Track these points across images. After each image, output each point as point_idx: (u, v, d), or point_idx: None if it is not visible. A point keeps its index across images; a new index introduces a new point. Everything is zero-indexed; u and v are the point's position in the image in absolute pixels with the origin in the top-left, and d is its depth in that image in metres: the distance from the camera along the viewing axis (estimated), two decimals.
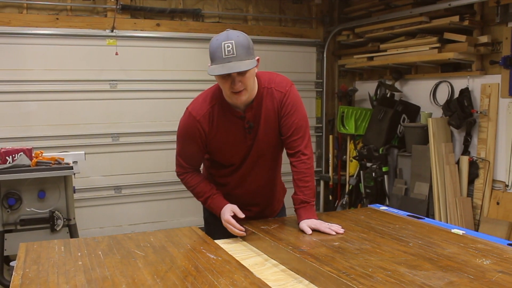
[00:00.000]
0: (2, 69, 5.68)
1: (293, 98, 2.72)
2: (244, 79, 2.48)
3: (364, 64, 6.82)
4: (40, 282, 1.94)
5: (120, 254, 2.27)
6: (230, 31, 2.49)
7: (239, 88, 2.48)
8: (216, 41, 2.47)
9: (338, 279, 1.85)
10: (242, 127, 2.69)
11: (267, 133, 2.73)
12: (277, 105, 2.69)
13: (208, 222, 3.05)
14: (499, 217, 5.30)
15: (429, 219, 2.78)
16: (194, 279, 1.94)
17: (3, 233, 4.76)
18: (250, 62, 2.44)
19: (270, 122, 2.71)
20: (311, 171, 2.73)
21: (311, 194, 2.69)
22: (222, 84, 2.54)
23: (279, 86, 2.71)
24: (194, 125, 2.67)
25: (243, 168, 2.80)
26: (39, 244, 2.44)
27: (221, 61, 2.43)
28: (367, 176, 6.58)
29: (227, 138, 2.69)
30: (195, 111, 2.69)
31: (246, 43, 2.46)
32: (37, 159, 4.79)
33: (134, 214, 6.46)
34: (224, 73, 2.43)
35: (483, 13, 5.51)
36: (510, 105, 5.24)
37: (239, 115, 2.67)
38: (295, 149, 2.73)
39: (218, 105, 2.67)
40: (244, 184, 2.83)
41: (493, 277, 1.84)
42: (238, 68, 2.40)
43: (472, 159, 5.58)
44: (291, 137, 2.72)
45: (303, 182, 2.69)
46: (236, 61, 2.41)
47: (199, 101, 2.73)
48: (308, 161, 2.73)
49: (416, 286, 1.75)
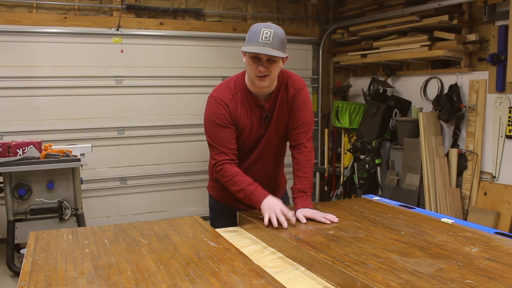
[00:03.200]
0: (12, 66, 5.67)
1: (304, 96, 2.78)
2: (271, 66, 2.51)
3: (358, 61, 6.81)
4: (49, 269, 1.93)
5: (125, 242, 2.26)
6: (271, 23, 2.54)
7: (265, 72, 2.51)
8: (257, 27, 2.50)
9: (333, 266, 1.85)
10: (259, 116, 2.72)
11: (279, 125, 2.76)
12: (290, 100, 2.74)
13: (213, 209, 3.04)
14: (487, 207, 5.30)
15: (420, 209, 2.77)
16: (196, 266, 1.94)
17: (13, 222, 4.77)
18: (280, 52, 2.48)
19: (282, 114, 2.75)
20: (310, 163, 2.76)
21: (309, 185, 2.71)
22: (250, 66, 2.54)
23: (295, 83, 2.76)
24: (222, 108, 2.65)
25: (253, 155, 2.81)
26: (48, 233, 2.43)
27: (257, 43, 2.45)
28: (360, 167, 6.58)
29: (245, 125, 2.71)
30: (221, 96, 2.68)
31: (282, 37, 2.51)
32: (46, 151, 4.78)
33: (138, 204, 6.47)
34: (258, 52, 2.45)
35: (471, 13, 5.51)
36: (497, 100, 5.24)
37: (259, 103, 2.69)
38: (298, 142, 2.77)
39: (241, 92, 2.69)
40: (251, 171, 2.82)
41: (481, 264, 1.84)
42: (271, 52, 2.44)
43: (460, 151, 5.58)
44: (296, 130, 2.76)
45: (302, 173, 2.72)
46: (270, 47, 2.44)
47: (222, 88, 2.72)
48: (309, 154, 2.76)
49: (408, 273, 1.75)
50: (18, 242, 4.87)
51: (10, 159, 4.60)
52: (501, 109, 5.21)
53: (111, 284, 1.77)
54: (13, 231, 4.76)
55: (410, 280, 1.68)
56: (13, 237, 4.77)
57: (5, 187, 4.71)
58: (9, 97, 5.70)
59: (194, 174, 6.58)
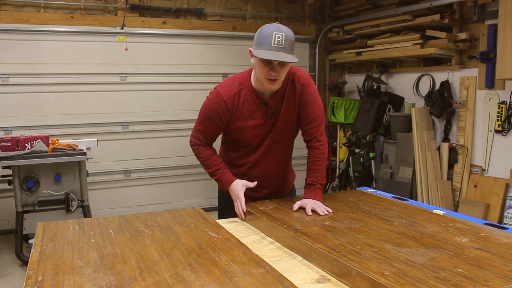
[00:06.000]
0: (21, 63, 5.66)
1: (312, 90, 2.74)
2: (282, 70, 2.48)
3: (353, 59, 6.80)
4: (56, 258, 1.93)
5: (130, 232, 2.26)
6: (279, 24, 2.47)
7: (276, 76, 2.47)
8: (268, 29, 2.42)
9: (329, 255, 1.85)
10: (265, 113, 2.68)
11: (286, 121, 2.73)
12: (298, 96, 2.70)
13: (222, 202, 3.03)
14: (476, 198, 5.30)
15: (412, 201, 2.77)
16: (197, 255, 1.93)
17: (22, 213, 4.77)
18: (293, 57, 2.43)
19: (290, 111, 2.71)
20: (324, 156, 2.76)
21: (320, 177, 2.71)
22: (261, 69, 2.48)
23: (300, 78, 2.71)
24: (220, 104, 2.63)
25: (260, 151, 2.79)
26: (55, 224, 2.42)
27: (269, 48, 2.39)
28: (355, 161, 6.57)
29: (250, 121, 2.67)
30: (223, 92, 2.65)
31: (293, 39, 2.45)
32: (54, 145, 4.77)
33: (142, 196, 6.47)
34: (272, 59, 2.39)
35: (461, 12, 5.50)
36: (487, 96, 5.23)
37: (264, 101, 2.66)
38: (312, 136, 2.76)
39: (246, 90, 2.65)
40: (260, 166, 2.82)
41: (471, 254, 1.83)
42: (285, 58, 2.39)
43: (451, 145, 5.58)
44: (309, 125, 2.75)
45: (314, 166, 2.73)
46: (283, 52, 2.39)
47: (228, 84, 2.69)
48: (322, 147, 2.76)
49: (401, 262, 1.75)
50: (27, 233, 4.87)
51: (19, 152, 4.60)
52: (490, 104, 5.21)
53: (116, 273, 1.76)
54: (21, 222, 4.76)
55: (403, 269, 1.68)
56: (21, 228, 4.77)
57: (14, 180, 4.70)
58: (18, 93, 5.69)
59: (195, 167, 6.56)
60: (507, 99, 5.03)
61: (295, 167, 3.15)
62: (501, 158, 5.15)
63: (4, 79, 5.62)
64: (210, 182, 3.35)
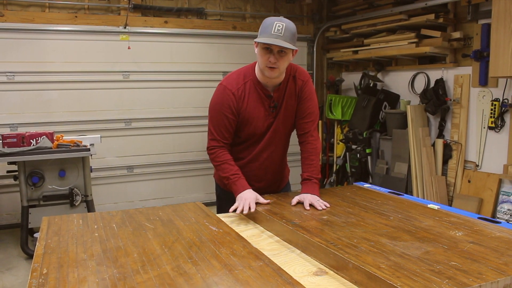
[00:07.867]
0: (26, 62, 5.65)
1: (310, 87, 2.78)
2: (281, 58, 2.50)
3: (350, 57, 6.79)
4: (61, 251, 1.93)
5: (132, 226, 2.25)
6: (284, 17, 2.51)
7: (275, 64, 2.50)
8: (270, 20, 2.48)
9: (326, 249, 1.85)
10: (268, 105, 2.70)
11: (286, 114, 2.75)
12: (298, 91, 2.74)
13: (221, 198, 3.02)
14: (470, 193, 5.30)
15: (408, 196, 2.77)
16: (198, 248, 1.93)
17: (27, 208, 4.77)
18: (291, 45, 2.46)
19: (290, 105, 2.74)
20: (317, 151, 2.77)
21: (315, 171, 2.71)
22: (262, 56, 2.52)
23: (301, 75, 2.76)
24: (229, 97, 2.63)
25: (261, 143, 2.79)
26: (60, 218, 2.42)
27: (269, 35, 2.44)
28: (352, 157, 6.58)
29: (253, 113, 2.68)
30: (230, 85, 2.66)
31: (294, 31, 2.49)
32: (58, 142, 4.77)
33: (144, 191, 6.47)
34: (270, 43, 2.43)
35: (456, 12, 5.49)
36: (480, 94, 5.23)
37: (268, 94, 2.68)
38: (305, 131, 2.77)
39: (250, 82, 2.67)
40: (260, 159, 2.82)
41: (465, 247, 1.83)
42: (282, 44, 2.42)
43: (446, 142, 5.57)
44: (304, 119, 2.77)
45: (309, 161, 2.74)
46: (282, 40, 2.43)
47: (233, 77, 2.70)
48: (315, 142, 2.76)
49: (396, 255, 1.75)
50: (32, 227, 4.87)
51: (24, 149, 4.59)
52: (484, 102, 5.20)
53: (119, 266, 1.76)
54: (27, 216, 4.76)
55: (399, 262, 1.68)
56: (27, 222, 4.77)
57: (20, 175, 4.70)
58: (23, 91, 5.68)
59: (196, 163, 6.57)
60: (500, 97, 5.02)
61: (289, 163, 3.14)
62: (494, 154, 5.15)
63: (10, 77, 5.61)
64: (210, 177, 3.34)
